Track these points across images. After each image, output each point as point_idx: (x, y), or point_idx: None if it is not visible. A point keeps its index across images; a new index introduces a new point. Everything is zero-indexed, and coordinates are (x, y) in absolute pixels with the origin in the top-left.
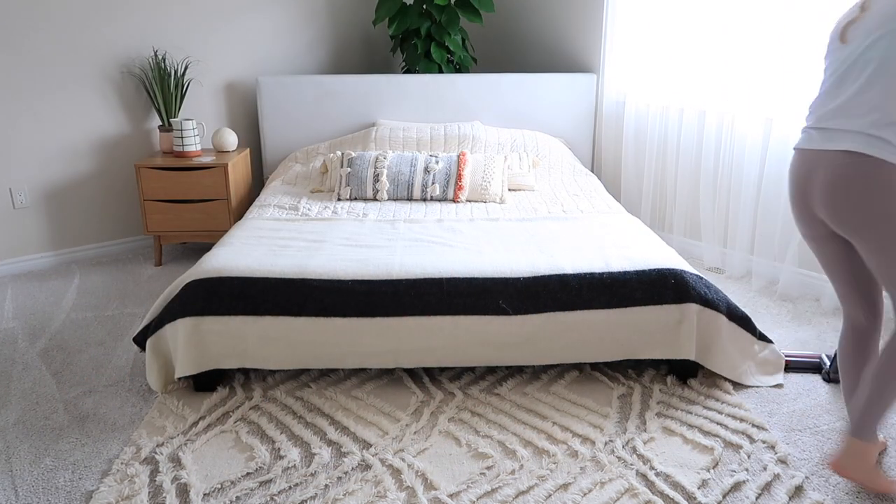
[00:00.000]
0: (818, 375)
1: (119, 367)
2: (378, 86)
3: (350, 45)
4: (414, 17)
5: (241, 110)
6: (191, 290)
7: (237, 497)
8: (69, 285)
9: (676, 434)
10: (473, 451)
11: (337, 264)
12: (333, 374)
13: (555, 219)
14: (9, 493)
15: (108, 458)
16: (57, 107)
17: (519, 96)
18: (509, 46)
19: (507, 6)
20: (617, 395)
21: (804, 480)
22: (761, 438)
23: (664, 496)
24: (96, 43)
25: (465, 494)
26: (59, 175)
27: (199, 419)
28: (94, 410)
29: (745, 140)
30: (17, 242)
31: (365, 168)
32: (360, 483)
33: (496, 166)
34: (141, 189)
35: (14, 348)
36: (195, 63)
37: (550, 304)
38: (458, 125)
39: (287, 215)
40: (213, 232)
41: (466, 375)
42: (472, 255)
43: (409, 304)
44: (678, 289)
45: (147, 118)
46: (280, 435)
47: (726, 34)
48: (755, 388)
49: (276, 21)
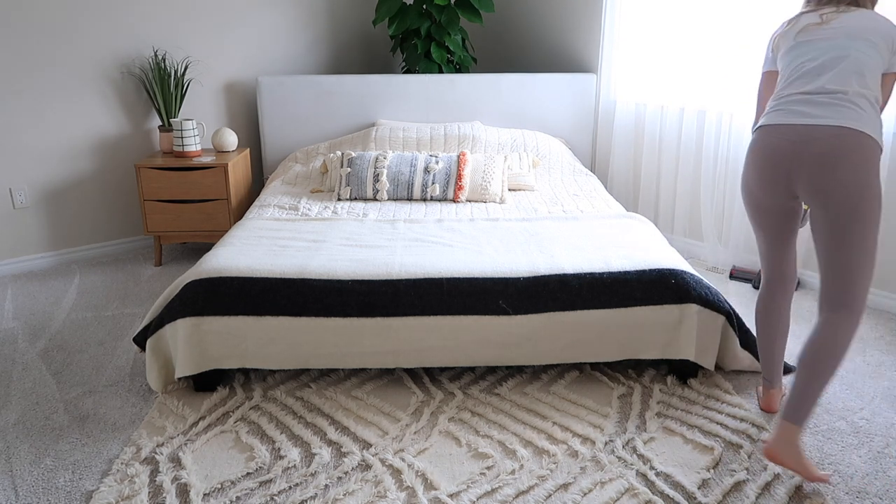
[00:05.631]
0: None
1: (119, 367)
2: (378, 86)
3: (350, 45)
4: (414, 17)
5: (241, 110)
6: (191, 290)
7: (237, 497)
8: (69, 285)
9: (676, 434)
10: (473, 451)
11: (337, 264)
12: (333, 374)
13: (555, 219)
14: (9, 493)
15: (108, 458)
16: (57, 107)
17: (519, 96)
18: (509, 46)
19: (507, 6)
20: (617, 395)
21: (804, 480)
22: (762, 438)
23: (664, 496)
24: (96, 43)
25: (465, 494)
26: (58, 175)
27: (199, 419)
28: (94, 410)
29: (744, 139)
30: (17, 242)
31: (365, 168)
32: (360, 483)
33: (496, 166)
34: (141, 189)
35: (14, 348)
36: (195, 63)
37: (550, 304)
38: (458, 125)
39: (287, 215)
40: (213, 232)
41: (466, 375)
42: (472, 255)
43: (409, 304)
44: (678, 289)
45: (147, 118)
46: (280, 435)
47: (725, 34)
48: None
49: (277, 21)
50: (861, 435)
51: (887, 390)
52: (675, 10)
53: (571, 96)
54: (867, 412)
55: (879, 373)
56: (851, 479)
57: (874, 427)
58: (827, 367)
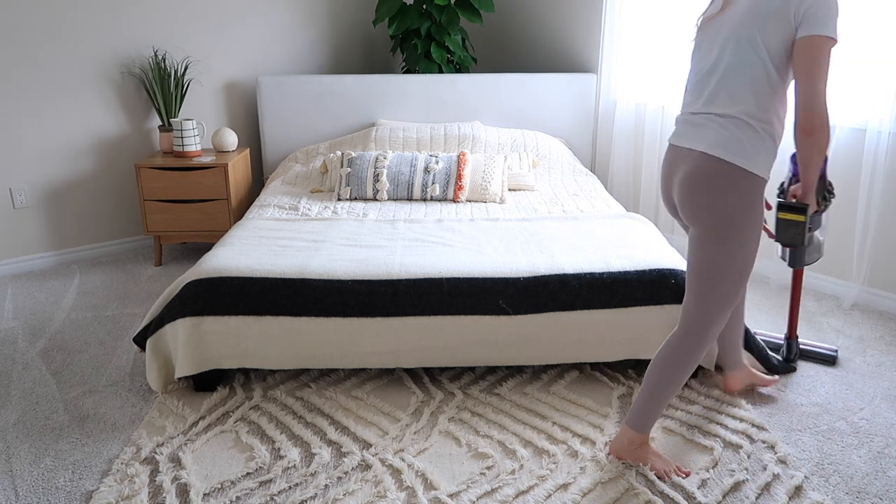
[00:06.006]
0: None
1: (119, 367)
2: (378, 86)
3: (350, 45)
4: (414, 17)
5: (241, 110)
6: (191, 290)
7: (237, 497)
8: (69, 285)
9: (676, 434)
10: (473, 451)
11: (337, 264)
12: (333, 374)
13: (555, 219)
14: (9, 493)
15: (108, 458)
16: (57, 107)
17: (519, 96)
18: (509, 46)
19: (507, 6)
20: (617, 395)
21: (804, 480)
22: (761, 438)
23: (664, 496)
24: (96, 43)
25: (465, 494)
26: (59, 175)
27: (199, 419)
28: (94, 410)
29: None
30: (17, 242)
31: (365, 168)
32: (360, 483)
33: (496, 166)
34: (141, 189)
35: (14, 348)
36: (195, 63)
37: (550, 304)
38: (458, 125)
39: (287, 215)
40: (213, 232)
41: (466, 375)
42: (472, 255)
43: (409, 304)
44: (678, 289)
45: (147, 118)
46: (280, 435)
47: None
48: (755, 388)
49: (277, 21)
50: (861, 435)
51: (887, 390)
52: (675, 10)
53: (571, 96)
54: (867, 412)
55: (879, 373)
56: (851, 479)
57: (874, 427)
58: (662, 381)
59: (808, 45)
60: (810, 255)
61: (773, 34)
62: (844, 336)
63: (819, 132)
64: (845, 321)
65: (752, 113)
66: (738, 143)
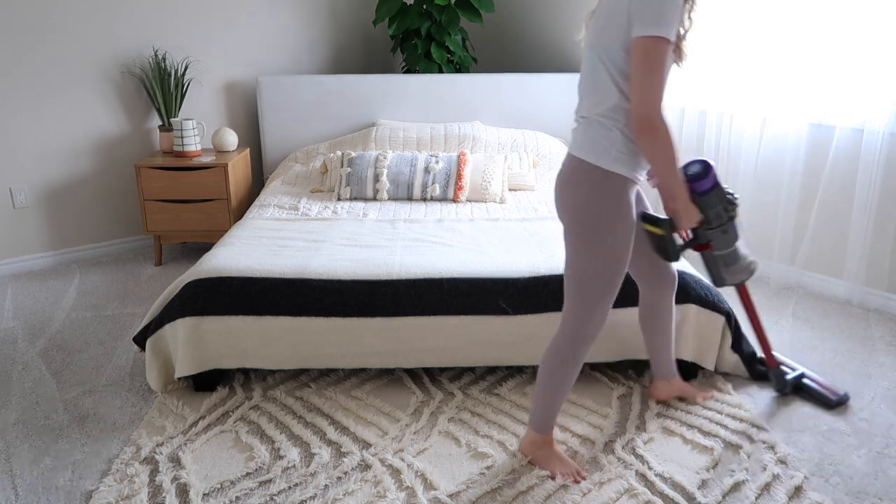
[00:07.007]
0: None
1: (119, 367)
2: (378, 86)
3: (350, 45)
4: (414, 17)
5: (241, 110)
6: (191, 289)
7: (237, 497)
8: (69, 285)
9: (676, 434)
10: (473, 451)
11: (337, 264)
12: (333, 374)
13: (555, 219)
14: (9, 493)
15: (108, 457)
16: (57, 106)
17: (519, 96)
18: (509, 46)
19: (507, 6)
20: (617, 395)
21: (804, 481)
22: (761, 438)
23: (664, 496)
24: (96, 43)
25: (465, 494)
26: (59, 175)
27: (199, 419)
28: (94, 410)
29: (742, 139)
30: (17, 242)
31: (365, 168)
32: (359, 483)
33: (496, 166)
34: (141, 189)
35: (14, 348)
36: (195, 63)
37: (550, 304)
38: (458, 125)
39: (287, 215)
40: (213, 232)
41: (466, 375)
42: (472, 255)
43: (409, 304)
44: (678, 289)
45: (147, 118)
46: (280, 435)
47: (724, 35)
48: (755, 388)
49: (277, 21)
50: (861, 435)
51: (887, 390)
52: None
53: (571, 96)
54: (867, 412)
55: (879, 373)
56: (851, 479)
57: (874, 427)
58: (550, 382)
59: (638, 46)
60: (733, 276)
61: (615, 37)
62: (844, 336)
63: (653, 132)
64: (845, 321)
65: (604, 114)
66: (596, 144)
